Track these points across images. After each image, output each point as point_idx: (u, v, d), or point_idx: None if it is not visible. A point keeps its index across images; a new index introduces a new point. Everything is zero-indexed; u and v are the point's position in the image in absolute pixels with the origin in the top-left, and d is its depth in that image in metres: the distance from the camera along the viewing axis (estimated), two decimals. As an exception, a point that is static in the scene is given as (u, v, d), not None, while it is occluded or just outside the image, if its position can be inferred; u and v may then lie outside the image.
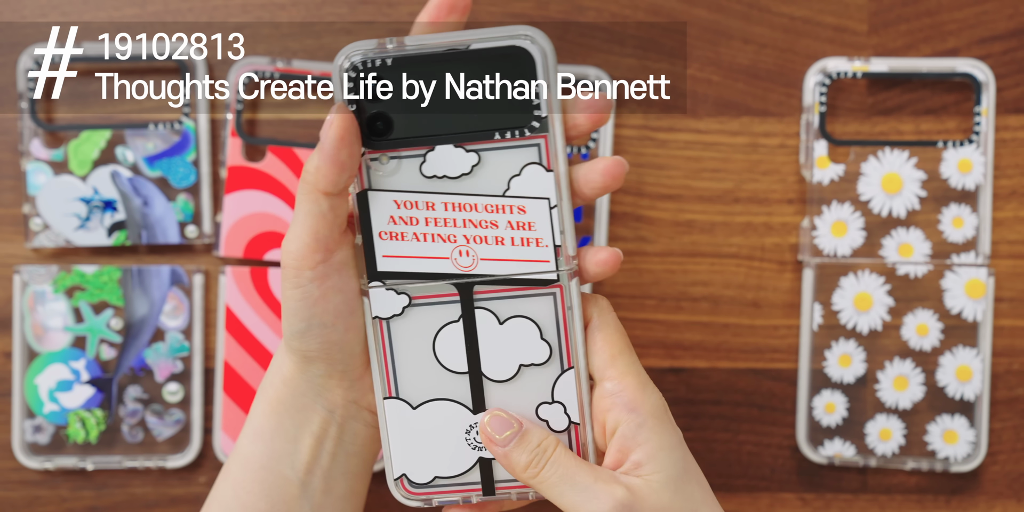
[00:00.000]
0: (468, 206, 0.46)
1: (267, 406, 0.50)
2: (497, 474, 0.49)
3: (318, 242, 0.46)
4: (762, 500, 0.65)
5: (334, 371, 0.49)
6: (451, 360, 0.48)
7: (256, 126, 0.65)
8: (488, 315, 0.47)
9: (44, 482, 0.65)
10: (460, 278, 0.47)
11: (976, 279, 0.64)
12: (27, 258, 0.65)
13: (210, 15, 0.65)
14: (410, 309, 0.47)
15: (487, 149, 0.46)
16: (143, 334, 0.64)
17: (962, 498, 0.65)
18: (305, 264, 0.46)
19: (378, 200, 0.46)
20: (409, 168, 0.46)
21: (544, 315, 0.47)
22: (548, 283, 0.47)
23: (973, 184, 0.64)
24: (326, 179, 0.45)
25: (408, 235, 0.47)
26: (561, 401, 0.48)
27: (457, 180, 0.46)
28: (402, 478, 0.49)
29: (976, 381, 0.64)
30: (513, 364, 0.48)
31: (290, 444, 0.50)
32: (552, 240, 0.47)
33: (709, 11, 0.65)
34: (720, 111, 0.65)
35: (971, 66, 0.64)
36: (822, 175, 0.64)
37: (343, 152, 0.44)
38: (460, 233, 0.46)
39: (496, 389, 0.48)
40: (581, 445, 0.48)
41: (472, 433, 0.48)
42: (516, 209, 0.46)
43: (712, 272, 0.65)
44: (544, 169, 0.46)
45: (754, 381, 0.65)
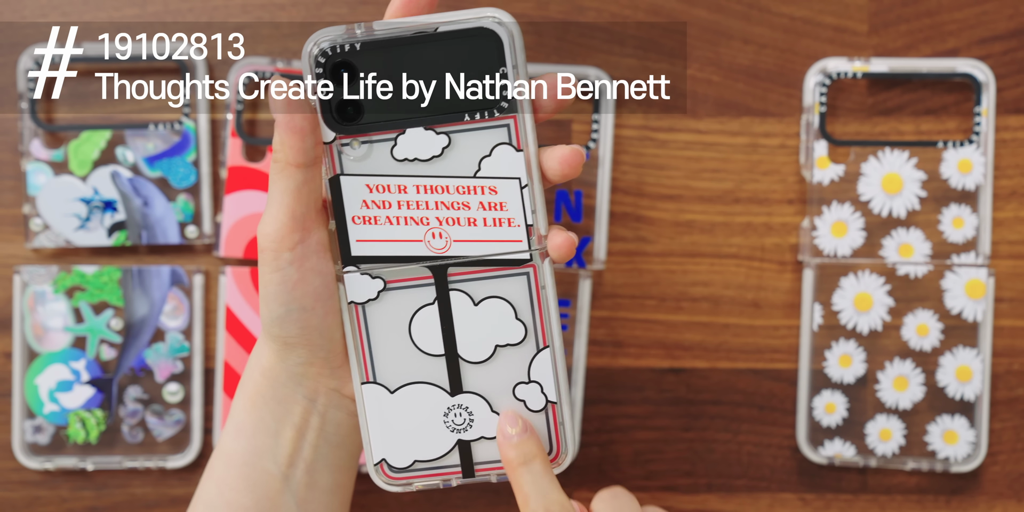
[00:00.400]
0: (440, 188, 0.47)
1: (247, 401, 0.50)
2: (476, 455, 0.49)
3: (295, 221, 0.46)
4: (762, 500, 0.65)
5: (315, 358, 0.49)
6: (427, 343, 0.48)
7: (256, 126, 0.65)
8: (463, 297, 0.48)
9: (44, 482, 0.65)
10: (434, 260, 0.47)
11: (976, 279, 0.64)
12: (27, 258, 0.65)
13: (210, 15, 0.65)
14: (385, 293, 0.48)
15: (457, 131, 0.46)
16: (143, 334, 0.64)
17: (962, 498, 0.65)
18: (283, 245, 0.46)
19: (350, 185, 0.47)
20: (380, 152, 0.46)
21: (518, 295, 0.48)
22: (521, 263, 0.47)
23: (973, 184, 0.64)
24: (292, 149, 0.45)
25: (381, 219, 0.47)
26: (538, 380, 0.48)
27: (428, 163, 0.46)
28: (382, 463, 0.49)
29: (976, 381, 0.64)
30: (489, 345, 0.48)
31: (271, 438, 0.50)
32: (524, 220, 0.47)
33: (709, 11, 0.65)
34: (720, 111, 0.65)
35: (971, 66, 0.64)
36: (822, 175, 0.64)
37: (296, 118, 0.45)
38: (433, 215, 0.47)
39: (473, 370, 0.48)
40: (559, 424, 0.48)
41: (450, 416, 0.49)
42: (487, 190, 0.47)
43: (712, 272, 0.65)
44: (514, 149, 0.46)
45: (754, 381, 0.65)
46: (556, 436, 0.49)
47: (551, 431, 0.49)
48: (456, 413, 0.49)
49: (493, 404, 0.48)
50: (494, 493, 0.65)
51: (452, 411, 0.49)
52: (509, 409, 0.48)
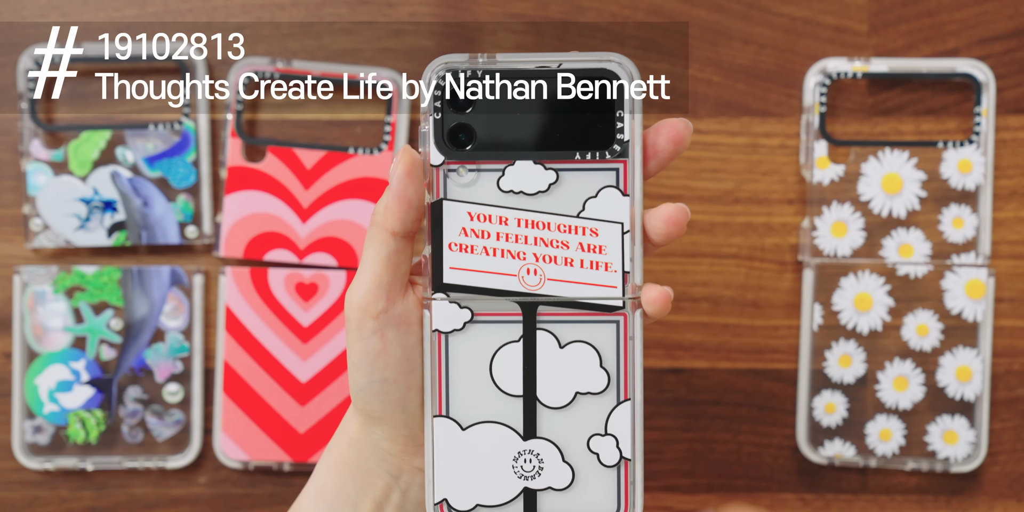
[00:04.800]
0: (541, 224, 0.46)
1: (331, 467, 0.50)
2: (541, 506, 0.47)
3: (380, 289, 0.46)
4: (762, 500, 0.65)
5: (398, 435, 0.48)
6: (507, 382, 0.47)
7: (256, 126, 0.65)
8: (549, 337, 0.47)
9: (44, 482, 0.65)
10: (525, 297, 0.46)
11: (976, 279, 0.64)
12: (27, 258, 0.65)
13: (210, 15, 0.65)
14: (471, 325, 0.47)
15: (566, 169, 0.46)
16: (143, 334, 0.64)
17: (962, 498, 0.65)
18: (367, 313, 0.46)
19: (452, 210, 0.46)
20: (487, 181, 0.46)
21: (605, 343, 0.46)
22: (613, 309, 0.46)
23: (973, 184, 0.64)
24: (393, 216, 0.45)
25: (478, 248, 0.46)
26: (614, 434, 0.47)
27: (533, 197, 0.46)
28: (443, 503, 0.47)
29: (976, 381, 0.64)
30: (570, 391, 0.47)
31: (350, 507, 0.49)
32: (621, 266, 0.46)
33: (709, 11, 0.65)
34: (720, 111, 0.65)
35: (971, 66, 0.64)
36: (822, 175, 0.64)
37: (410, 188, 0.45)
38: (530, 251, 0.46)
39: (549, 416, 0.47)
40: (630, 483, 0.47)
41: (520, 461, 0.47)
42: (589, 231, 0.46)
43: (712, 272, 0.65)
44: (621, 193, 0.46)
45: (754, 381, 0.65)
46: (626, 495, 0.47)
47: (620, 488, 0.47)
48: (527, 459, 0.47)
49: (565, 453, 0.47)
50: None
51: (523, 456, 0.47)
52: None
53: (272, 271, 0.64)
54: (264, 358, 0.64)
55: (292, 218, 0.64)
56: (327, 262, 0.64)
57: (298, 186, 0.64)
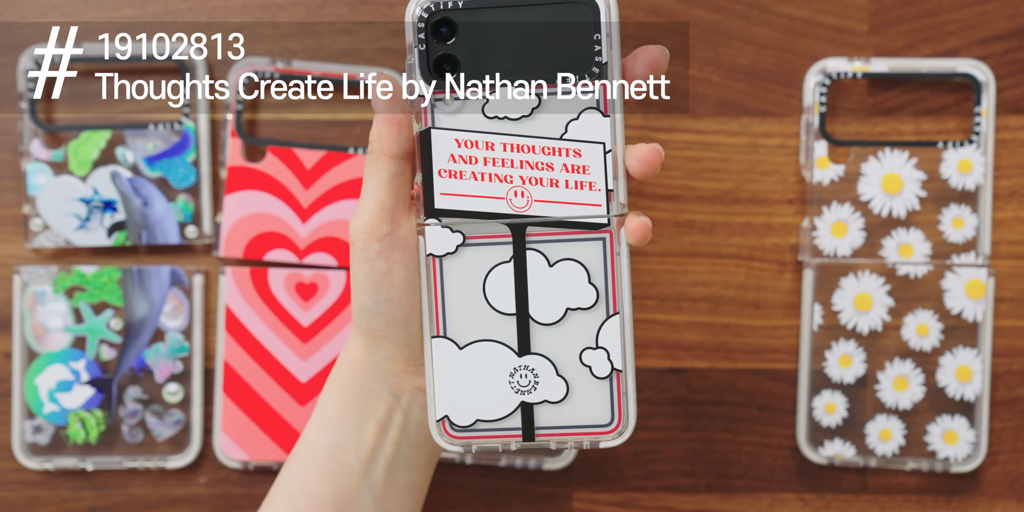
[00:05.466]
0: (526, 148, 0.47)
1: (335, 394, 0.51)
2: (538, 420, 0.49)
3: (384, 212, 0.48)
4: (762, 500, 0.65)
5: (400, 354, 0.50)
6: (500, 301, 0.48)
7: (256, 126, 0.65)
8: (539, 257, 0.48)
9: (44, 482, 0.65)
10: (514, 218, 0.48)
11: (976, 279, 0.64)
12: (27, 258, 0.65)
13: (210, 15, 0.65)
14: (463, 248, 0.48)
15: (548, 93, 0.47)
16: (143, 334, 0.64)
17: (962, 498, 0.65)
18: (372, 236, 0.48)
19: (440, 138, 0.48)
20: (472, 109, 0.47)
21: (593, 259, 0.48)
22: (599, 227, 0.48)
23: (973, 184, 0.64)
24: (388, 139, 0.47)
25: (467, 174, 0.48)
26: (605, 347, 0.48)
27: (517, 122, 0.47)
28: (444, 420, 0.49)
29: (976, 381, 0.64)
30: (560, 307, 0.48)
31: (355, 431, 0.50)
32: (605, 184, 0.47)
33: (709, 11, 0.65)
34: (720, 111, 0.65)
35: (971, 66, 0.64)
36: (822, 175, 0.64)
37: (396, 108, 0.47)
38: (516, 174, 0.48)
39: (542, 332, 0.48)
40: (623, 393, 0.48)
41: (516, 376, 0.49)
42: (572, 152, 0.47)
43: (712, 272, 0.65)
44: (601, 114, 0.47)
45: (754, 381, 0.65)
46: (619, 405, 0.48)
47: (614, 400, 0.48)
48: (522, 374, 0.49)
49: (559, 368, 0.48)
50: (494, 493, 0.65)
51: (518, 372, 0.49)
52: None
53: (272, 271, 0.64)
54: (264, 358, 0.64)
55: (292, 218, 0.64)
56: (327, 262, 0.64)
57: (298, 186, 0.64)
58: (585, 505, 0.65)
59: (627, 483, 0.65)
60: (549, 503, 0.65)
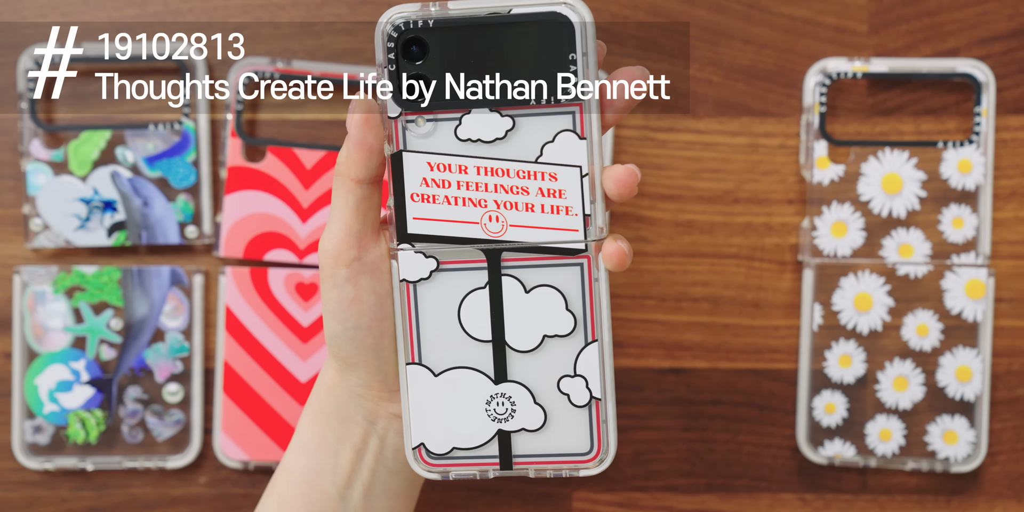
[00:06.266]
0: (500, 171, 0.46)
1: (311, 418, 0.50)
2: (515, 448, 0.48)
3: (350, 237, 0.46)
4: (762, 500, 0.65)
5: (373, 380, 0.49)
6: (475, 327, 0.47)
7: (256, 126, 0.65)
8: (515, 283, 0.47)
9: (44, 482, 0.65)
10: (489, 244, 0.47)
11: (976, 279, 0.64)
12: (27, 258, 0.65)
13: (210, 15, 0.65)
14: (437, 273, 0.47)
15: (522, 115, 0.46)
16: (143, 334, 0.64)
17: (962, 498, 0.65)
18: (340, 261, 0.47)
19: (412, 161, 0.46)
20: (444, 131, 0.46)
21: (570, 285, 0.47)
22: (576, 253, 0.47)
23: (973, 184, 0.64)
24: (356, 164, 0.46)
25: (439, 198, 0.46)
26: (583, 374, 0.47)
27: (491, 145, 0.46)
28: (420, 447, 0.48)
29: (976, 381, 0.64)
30: (537, 334, 0.47)
31: (331, 457, 0.50)
32: (582, 209, 0.46)
33: (709, 11, 0.65)
34: (720, 111, 0.65)
35: (971, 66, 0.64)
36: (822, 175, 0.64)
37: (368, 135, 0.45)
38: (491, 198, 0.46)
39: (519, 359, 0.48)
40: (602, 422, 0.47)
41: (492, 404, 0.48)
42: (548, 176, 0.46)
43: (712, 272, 0.65)
44: (577, 137, 0.46)
45: (754, 381, 0.65)
46: (598, 434, 0.48)
47: (593, 429, 0.48)
48: (499, 402, 0.48)
49: (536, 396, 0.48)
50: (494, 493, 0.65)
51: (495, 399, 0.48)
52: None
53: (272, 271, 0.64)
54: (264, 358, 0.64)
55: (292, 218, 0.64)
56: (327, 262, 0.64)
57: (298, 186, 0.64)
58: (585, 505, 0.65)
59: (627, 483, 0.65)
60: (549, 503, 0.65)
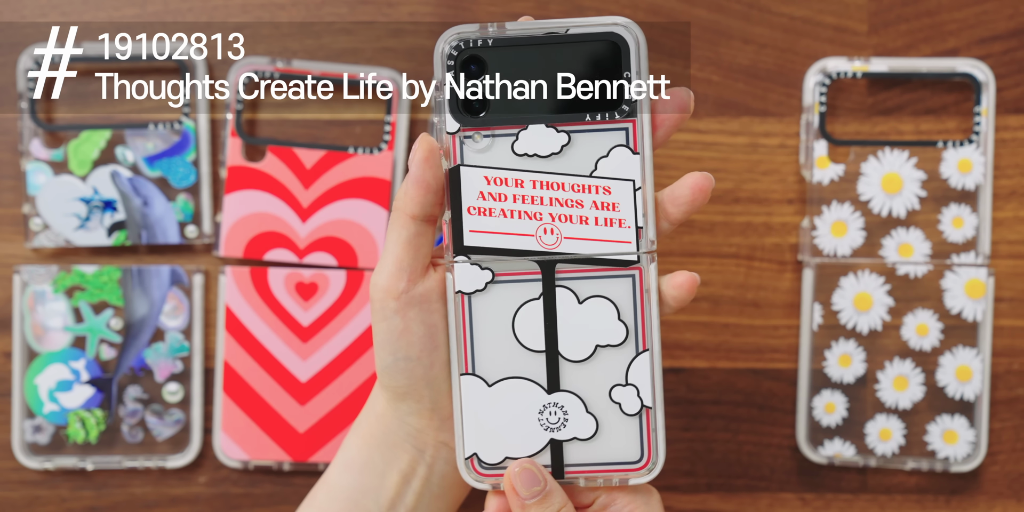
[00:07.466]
0: (555, 185, 0.48)
1: (360, 440, 0.51)
2: (567, 457, 0.49)
3: (401, 271, 0.48)
4: (762, 500, 0.65)
5: (423, 409, 0.49)
6: (529, 338, 0.48)
7: (256, 126, 0.65)
8: (568, 294, 0.48)
9: (44, 482, 0.65)
10: (543, 255, 0.48)
11: (976, 279, 0.64)
12: (27, 258, 0.65)
13: (210, 15, 0.65)
14: (492, 285, 0.48)
15: (577, 131, 0.48)
16: (143, 334, 0.64)
17: (962, 498, 0.65)
18: (389, 294, 0.48)
19: (470, 175, 0.48)
20: (501, 146, 0.48)
21: (622, 296, 0.48)
22: (628, 264, 0.48)
23: (973, 184, 0.64)
24: (413, 201, 0.47)
25: (496, 211, 0.48)
26: (635, 384, 0.48)
27: (547, 159, 0.48)
28: (473, 458, 0.49)
29: (976, 381, 0.64)
30: (590, 344, 0.48)
31: (377, 479, 0.50)
32: (635, 222, 0.48)
33: (709, 11, 0.65)
34: (720, 111, 0.65)
35: (971, 66, 0.64)
36: (822, 175, 0.64)
37: (428, 173, 0.47)
38: (546, 211, 0.48)
39: (571, 369, 0.48)
40: (652, 430, 0.48)
41: (545, 413, 0.49)
42: (602, 189, 0.48)
43: (712, 272, 0.65)
44: (631, 152, 0.48)
45: (754, 381, 0.65)
46: (648, 442, 0.49)
47: (643, 437, 0.48)
48: (552, 412, 0.49)
49: (588, 405, 0.48)
50: (494, 493, 0.65)
51: (548, 409, 0.49)
52: (525, 464, 0.48)
53: (272, 271, 0.64)
54: (264, 358, 0.64)
55: (292, 218, 0.64)
56: (327, 262, 0.64)
57: (298, 186, 0.64)
58: (585, 505, 0.65)
59: (627, 483, 0.65)
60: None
